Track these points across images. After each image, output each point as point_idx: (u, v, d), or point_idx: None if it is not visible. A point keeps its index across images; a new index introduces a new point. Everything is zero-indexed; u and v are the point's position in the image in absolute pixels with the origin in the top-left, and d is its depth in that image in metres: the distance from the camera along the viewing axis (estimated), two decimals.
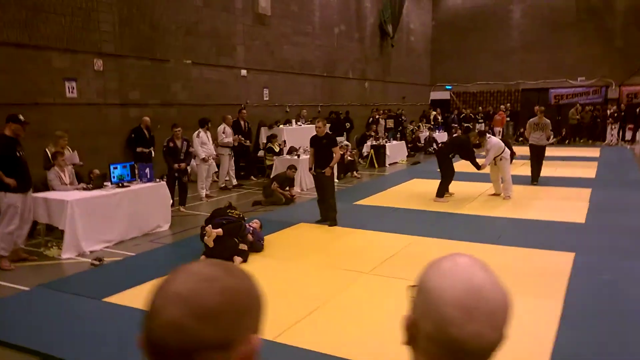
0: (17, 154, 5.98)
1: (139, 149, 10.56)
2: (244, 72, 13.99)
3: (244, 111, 12.54)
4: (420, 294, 0.93)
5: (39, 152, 7.65)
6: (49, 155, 7.58)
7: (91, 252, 6.58)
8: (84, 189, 7.08)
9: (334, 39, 18.36)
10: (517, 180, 11.29)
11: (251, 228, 6.41)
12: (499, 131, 20.03)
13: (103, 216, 6.88)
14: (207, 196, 10.02)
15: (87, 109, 10.00)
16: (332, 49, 18.22)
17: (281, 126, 13.40)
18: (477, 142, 9.83)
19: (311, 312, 4.54)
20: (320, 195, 8.01)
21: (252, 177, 12.32)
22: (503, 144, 9.70)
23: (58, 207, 6.53)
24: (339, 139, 13.83)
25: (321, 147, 7.80)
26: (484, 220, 8.00)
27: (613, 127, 20.31)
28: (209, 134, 10.04)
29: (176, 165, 8.84)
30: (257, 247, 6.39)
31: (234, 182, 11.34)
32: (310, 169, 8.04)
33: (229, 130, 10.79)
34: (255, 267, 5.86)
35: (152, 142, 10.57)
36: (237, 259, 5.81)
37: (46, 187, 7.15)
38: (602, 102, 21.95)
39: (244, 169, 12.66)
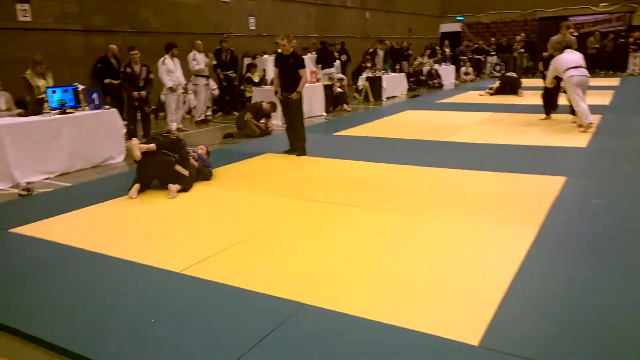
0: None
1: (106, 81, 9.77)
2: None
3: (224, 43, 11.51)
4: None
5: None
6: (29, 81, 6.89)
7: (28, 183, 5.95)
8: (19, 115, 6.37)
9: None
10: (528, 109, 10.30)
11: (196, 153, 5.68)
12: None
13: (40, 145, 6.20)
14: (178, 130, 9.27)
15: (43, 35, 9.17)
16: None
17: (265, 56, 12.40)
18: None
19: (237, 243, 3.85)
20: (288, 123, 7.20)
21: (233, 112, 11.48)
22: (566, 62, 8.01)
23: None
24: (328, 70, 12.90)
25: (287, 68, 6.94)
26: (471, 148, 7.12)
27: (636, 55, 18.69)
28: (176, 61, 9.16)
29: (135, 93, 8.07)
30: (204, 174, 5.68)
31: (203, 116, 10.46)
32: (275, 93, 7.19)
33: (199, 57, 9.87)
34: (195, 194, 5.20)
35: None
36: (173, 187, 5.11)
37: None
38: (626, 30, 20.20)
39: (229, 103, 11.84)
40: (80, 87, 6.97)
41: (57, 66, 9.28)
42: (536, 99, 10.32)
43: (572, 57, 8.09)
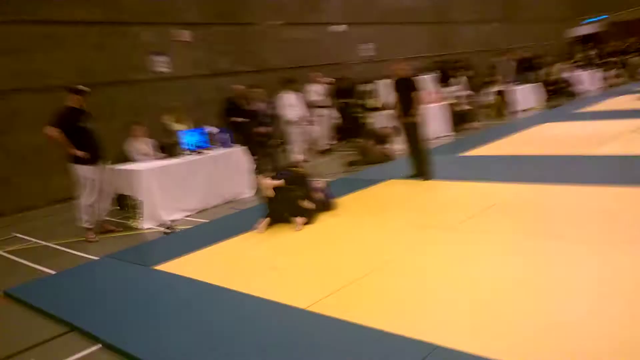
0: (83, 125, 5.89)
1: (235, 119, 10.36)
2: (341, 27, 13.06)
3: (343, 72, 11.62)
4: None
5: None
6: (168, 126, 7.57)
7: (172, 221, 6.37)
8: (161, 158, 6.93)
9: None
10: None
11: (318, 185, 5.65)
12: None
13: (179, 184, 6.62)
14: (303, 161, 9.43)
15: (179, 81, 10.02)
16: None
17: (384, 81, 12.23)
18: None
19: (364, 276, 3.65)
20: (409, 147, 6.90)
21: (355, 139, 11.42)
22: None
23: (133, 178, 6.43)
24: (450, 89, 12.34)
25: (403, 92, 6.70)
26: (625, 162, 6.16)
27: None
28: (297, 94, 9.39)
29: (260, 129, 8.38)
30: (328, 205, 5.62)
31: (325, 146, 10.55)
32: (396, 118, 6.96)
33: (318, 88, 10.03)
34: (321, 226, 5.15)
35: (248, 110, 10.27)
36: (299, 220, 5.08)
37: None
38: None
39: (350, 130, 11.86)
40: (210, 129, 7.40)
41: (191, 108, 10.07)
42: None
43: None
